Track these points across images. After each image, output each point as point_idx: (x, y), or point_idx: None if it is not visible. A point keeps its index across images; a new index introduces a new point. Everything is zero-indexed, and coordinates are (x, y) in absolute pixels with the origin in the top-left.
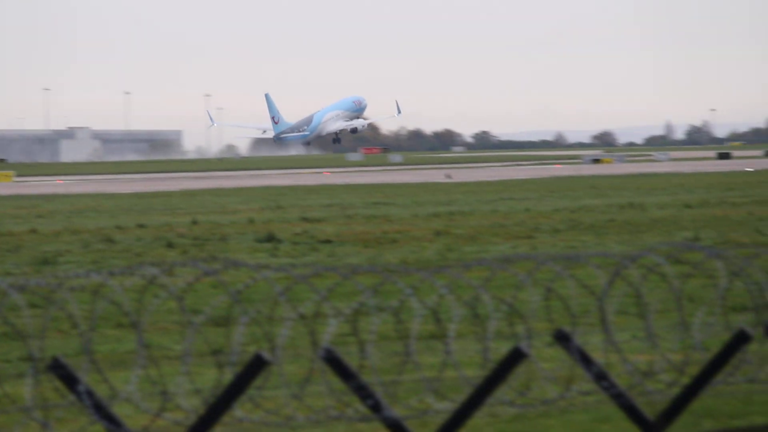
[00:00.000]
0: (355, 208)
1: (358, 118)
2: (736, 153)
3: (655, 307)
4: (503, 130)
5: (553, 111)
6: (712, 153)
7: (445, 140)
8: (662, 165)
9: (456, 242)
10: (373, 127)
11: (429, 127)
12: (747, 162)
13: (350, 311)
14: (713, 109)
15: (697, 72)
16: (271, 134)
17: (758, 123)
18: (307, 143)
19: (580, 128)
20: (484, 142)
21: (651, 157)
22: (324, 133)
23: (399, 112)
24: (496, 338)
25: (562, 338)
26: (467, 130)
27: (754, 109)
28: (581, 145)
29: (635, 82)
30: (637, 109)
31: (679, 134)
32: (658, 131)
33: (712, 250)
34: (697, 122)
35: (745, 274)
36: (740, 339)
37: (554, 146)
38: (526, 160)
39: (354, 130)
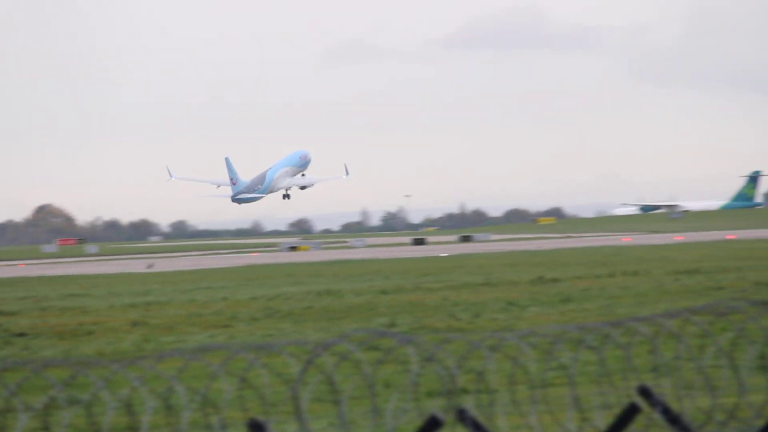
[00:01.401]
0: (50, 300)
1: (302, 173)
2: (430, 238)
3: (350, 393)
4: (200, 219)
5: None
6: (407, 239)
7: (142, 230)
8: (358, 251)
9: (153, 333)
10: (67, 218)
11: (125, 218)
12: (441, 247)
13: (41, 405)
14: (408, 195)
15: (391, 158)
16: (225, 191)
17: (452, 208)
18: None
19: (277, 216)
20: (181, 231)
21: (347, 244)
22: (275, 190)
23: (347, 173)
24: (190, 429)
25: (256, 428)
26: (164, 220)
27: (447, 194)
28: (278, 233)
29: (331, 168)
30: (332, 196)
31: (375, 220)
32: (354, 217)
33: (405, 336)
34: (393, 208)
35: (438, 359)
36: (432, 424)
37: (251, 234)
38: (223, 249)
39: (303, 187)
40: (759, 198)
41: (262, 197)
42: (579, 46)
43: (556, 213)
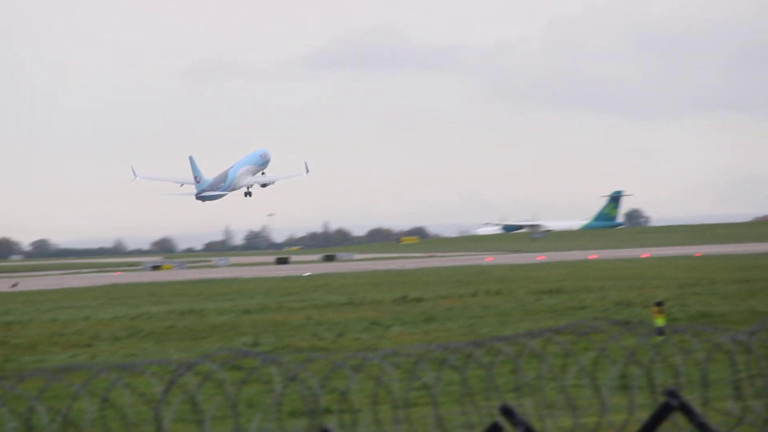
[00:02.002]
0: None
1: (262, 171)
2: (294, 258)
3: (214, 413)
4: (63, 238)
5: (112, 220)
6: (270, 258)
7: (3, 249)
8: (222, 270)
9: (14, 352)
10: None
11: None
12: (305, 267)
13: None
14: (271, 214)
15: None
16: (188, 189)
17: (315, 228)
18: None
19: (139, 235)
20: (42, 250)
21: (210, 263)
22: (237, 187)
23: (307, 171)
24: None
25: None
26: (25, 239)
27: (310, 214)
28: (141, 252)
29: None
30: (196, 215)
31: (239, 239)
32: (218, 236)
33: (268, 355)
34: (256, 227)
35: (301, 379)
36: None
37: (114, 253)
38: (86, 268)
39: (264, 185)
40: (620, 218)
41: (225, 194)
42: (440, 66)
43: (419, 232)
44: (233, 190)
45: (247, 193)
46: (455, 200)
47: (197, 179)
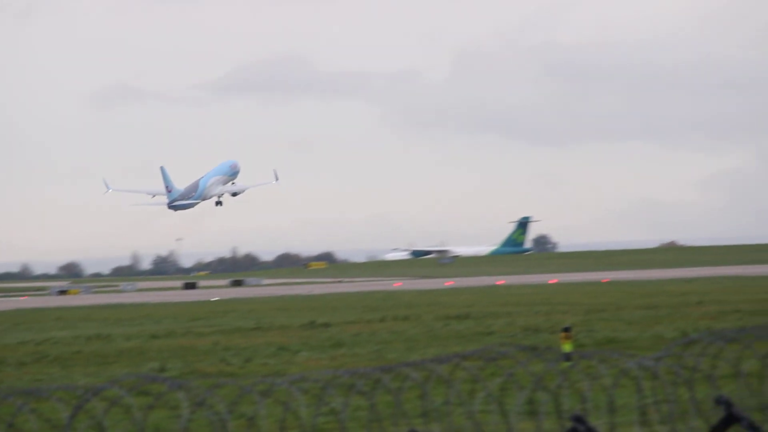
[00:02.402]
0: None
1: (232, 182)
2: (202, 283)
3: None
4: None
5: (18, 244)
6: (178, 283)
7: None
8: (129, 295)
9: None
10: None
11: None
12: (213, 292)
13: None
14: (179, 239)
15: (163, 201)
16: (161, 200)
17: (223, 252)
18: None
19: (46, 259)
20: None
21: (118, 288)
22: (208, 197)
23: (276, 179)
24: None
25: None
26: None
27: (218, 238)
28: (47, 277)
29: (102, 211)
30: (103, 239)
31: (146, 264)
32: (125, 261)
33: (176, 381)
34: (164, 252)
35: (209, 404)
36: None
37: (20, 278)
38: None
39: (235, 194)
40: (528, 244)
41: (197, 203)
42: (348, 92)
43: (327, 258)
44: (204, 199)
45: (218, 203)
46: (364, 225)
47: (168, 189)
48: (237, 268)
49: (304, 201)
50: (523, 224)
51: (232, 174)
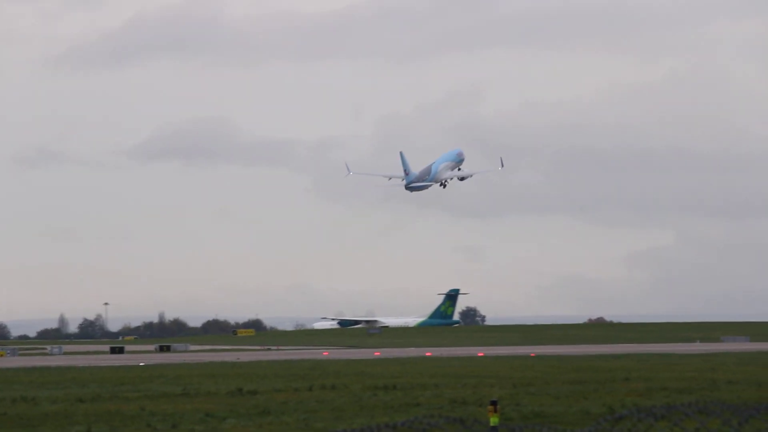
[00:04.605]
0: None
1: (459, 167)
2: (129, 347)
3: None
4: None
5: None
6: (105, 347)
7: None
8: (56, 358)
9: None
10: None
11: None
12: (140, 357)
13: None
14: (107, 303)
15: (89, 265)
16: (398, 182)
17: (151, 317)
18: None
19: None
20: None
21: (45, 351)
22: (439, 180)
23: (502, 165)
24: None
25: None
26: None
27: (146, 303)
28: None
29: (28, 274)
30: (30, 302)
31: (73, 327)
32: (52, 324)
33: None
34: (91, 316)
35: None
36: None
37: None
38: None
39: (462, 178)
40: (456, 316)
41: (431, 185)
42: (271, 160)
43: (255, 325)
44: (437, 182)
45: (444, 185)
46: (291, 294)
47: (406, 172)
48: (164, 333)
49: (229, 268)
50: (451, 296)
51: (459, 161)
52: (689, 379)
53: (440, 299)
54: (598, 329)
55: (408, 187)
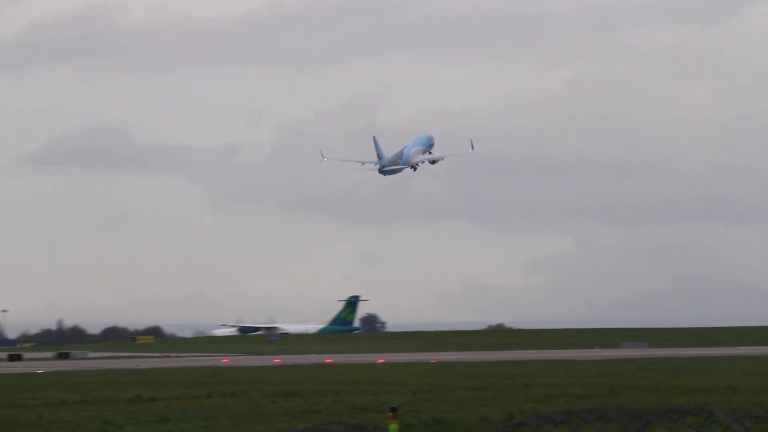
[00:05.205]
0: None
1: (429, 151)
2: (27, 354)
3: None
4: None
5: None
6: (3, 354)
7: None
8: None
9: None
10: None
11: None
12: (38, 364)
13: None
14: (5, 311)
15: None
16: (371, 166)
17: (49, 325)
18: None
19: None
20: None
21: None
22: (411, 163)
23: (472, 148)
24: None
25: None
26: None
27: (45, 310)
28: None
29: None
30: None
31: None
32: None
33: None
34: None
35: None
36: None
37: None
38: None
39: (433, 161)
40: (357, 323)
41: (404, 168)
42: (168, 167)
43: (155, 332)
44: (409, 165)
45: (414, 168)
46: (191, 301)
47: (380, 156)
48: (63, 340)
49: (128, 275)
50: (351, 303)
51: (429, 145)
52: (589, 385)
53: (340, 306)
54: (498, 335)
55: (381, 171)
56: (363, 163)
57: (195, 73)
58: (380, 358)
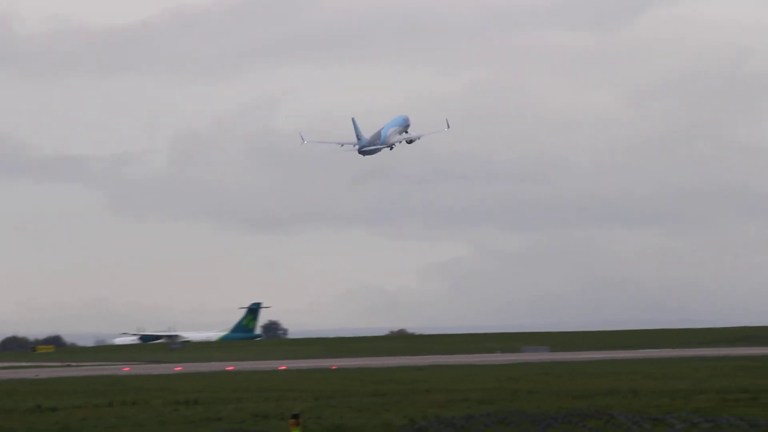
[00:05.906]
0: None
1: (406, 131)
2: None
3: None
4: None
5: None
6: None
7: None
8: None
9: None
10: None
11: None
12: None
13: None
14: None
15: None
16: (350, 148)
17: None
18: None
19: None
20: None
21: None
22: (389, 143)
23: (448, 127)
24: None
25: None
26: None
27: None
28: None
29: None
30: None
31: None
32: None
33: None
34: None
35: None
36: None
37: None
38: None
39: (410, 141)
40: (258, 330)
41: (382, 148)
42: (64, 175)
43: (55, 341)
44: (386, 145)
45: (391, 148)
46: (91, 310)
47: (359, 137)
48: None
49: (26, 284)
50: (253, 310)
51: (406, 126)
52: (490, 389)
53: (242, 313)
54: (400, 341)
55: (361, 152)
56: (342, 145)
57: (92, 81)
58: (282, 365)
